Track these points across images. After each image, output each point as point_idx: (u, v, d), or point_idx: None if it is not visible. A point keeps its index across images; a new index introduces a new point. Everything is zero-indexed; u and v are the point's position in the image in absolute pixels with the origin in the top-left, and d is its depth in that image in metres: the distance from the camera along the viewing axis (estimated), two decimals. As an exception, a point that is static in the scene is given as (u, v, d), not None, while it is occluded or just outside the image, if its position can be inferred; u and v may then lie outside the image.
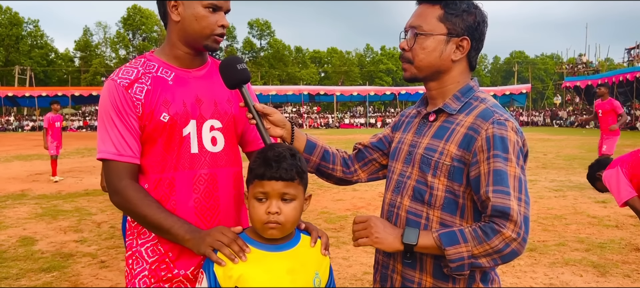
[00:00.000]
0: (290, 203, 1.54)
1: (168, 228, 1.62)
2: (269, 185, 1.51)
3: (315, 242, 1.65)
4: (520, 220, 1.44)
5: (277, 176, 1.51)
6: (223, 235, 1.56)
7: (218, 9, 1.70)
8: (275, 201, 1.52)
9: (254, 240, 1.58)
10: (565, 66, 62.61)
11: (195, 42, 1.72)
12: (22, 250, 5.86)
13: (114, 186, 1.66)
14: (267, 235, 1.54)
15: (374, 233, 1.57)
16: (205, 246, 1.55)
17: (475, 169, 1.52)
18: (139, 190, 1.67)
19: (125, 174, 1.66)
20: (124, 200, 1.65)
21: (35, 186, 10.88)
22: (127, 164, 1.67)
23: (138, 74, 1.70)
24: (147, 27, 69.64)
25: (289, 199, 1.54)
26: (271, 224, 1.51)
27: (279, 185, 1.51)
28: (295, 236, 1.65)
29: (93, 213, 7.94)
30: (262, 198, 1.53)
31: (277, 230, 1.53)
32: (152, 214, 1.63)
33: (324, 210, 8.06)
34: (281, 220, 1.51)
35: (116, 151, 1.65)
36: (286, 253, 1.58)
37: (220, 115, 1.78)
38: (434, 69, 1.64)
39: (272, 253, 1.56)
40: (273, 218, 1.51)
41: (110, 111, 1.65)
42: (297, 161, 1.56)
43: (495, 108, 1.58)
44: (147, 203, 1.64)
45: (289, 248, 1.60)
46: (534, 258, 5.35)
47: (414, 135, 1.72)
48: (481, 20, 1.63)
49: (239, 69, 1.68)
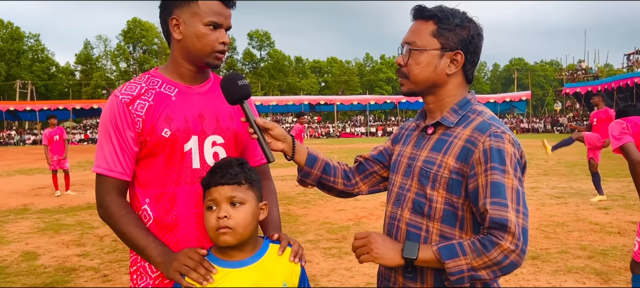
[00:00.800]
0: (239, 208, 1.55)
1: (143, 248, 1.66)
2: (216, 190, 1.55)
3: (283, 250, 1.65)
4: (518, 231, 1.46)
5: (223, 181, 1.54)
6: (189, 259, 1.58)
7: (218, 26, 1.72)
8: (224, 206, 1.53)
9: (219, 259, 1.59)
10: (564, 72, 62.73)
11: (197, 60, 1.75)
12: (25, 265, 5.87)
13: (101, 200, 1.71)
14: (221, 242, 1.54)
15: (374, 249, 1.58)
16: (172, 272, 1.58)
17: (474, 181, 1.54)
18: (122, 206, 1.70)
19: (113, 189, 1.70)
20: (107, 215, 1.70)
21: (37, 201, 10.89)
22: (116, 180, 1.71)
23: (141, 90, 1.73)
24: (148, 40, 69.93)
25: (238, 203, 1.55)
26: (222, 229, 1.52)
27: (225, 189, 1.54)
28: (263, 247, 1.65)
29: (95, 226, 7.95)
30: (212, 205, 1.55)
31: (229, 236, 1.53)
32: (130, 232, 1.66)
33: (326, 220, 8.06)
34: (231, 224, 1.52)
35: (107, 167, 1.69)
36: (251, 268, 1.59)
37: (222, 131, 1.80)
38: (430, 83, 1.67)
39: (236, 270, 1.57)
40: (223, 222, 1.52)
41: (108, 127, 1.70)
42: (245, 168, 1.60)
43: (492, 121, 1.60)
44: (127, 221, 1.67)
45: (254, 261, 1.60)
46: (537, 266, 5.34)
47: (413, 148, 1.74)
48: (475, 33, 1.65)
49: (240, 85, 1.71)
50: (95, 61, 72.01)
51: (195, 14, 1.70)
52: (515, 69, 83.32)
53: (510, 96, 60.00)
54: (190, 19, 1.71)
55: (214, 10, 1.70)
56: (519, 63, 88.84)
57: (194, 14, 1.70)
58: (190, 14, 1.70)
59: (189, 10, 1.71)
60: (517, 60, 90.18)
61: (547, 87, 79.19)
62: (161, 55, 69.08)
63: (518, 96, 59.77)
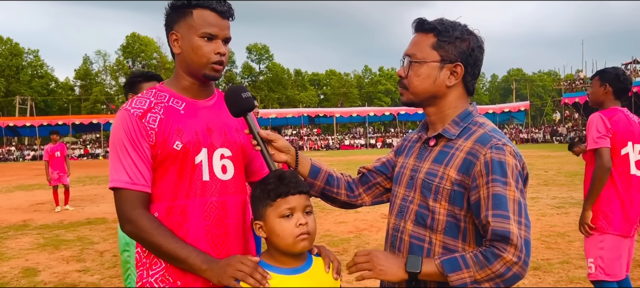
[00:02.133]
0: (311, 215, 1.65)
1: (184, 258, 1.64)
2: (294, 199, 1.62)
3: (329, 267, 1.70)
4: (520, 243, 1.46)
5: (297, 190, 1.63)
6: (243, 265, 1.59)
7: (214, 37, 1.74)
8: (300, 214, 1.61)
9: (271, 265, 1.64)
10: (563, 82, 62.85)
11: (196, 72, 1.77)
12: (25, 281, 5.85)
13: (127, 216, 1.67)
14: (299, 248, 1.61)
15: (377, 265, 1.59)
16: (227, 277, 1.59)
17: (475, 193, 1.55)
18: (152, 219, 1.68)
19: (138, 203, 1.68)
20: (138, 229, 1.66)
21: (37, 216, 10.86)
22: (140, 193, 1.69)
23: (150, 104, 1.74)
24: (147, 55, 70.12)
25: (310, 211, 1.65)
26: (303, 235, 1.60)
27: (302, 198, 1.63)
28: (308, 260, 1.69)
29: (96, 242, 7.93)
30: (289, 213, 1.61)
31: (308, 241, 1.61)
32: (168, 244, 1.65)
33: (327, 232, 8.04)
34: (310, 230, 1.61)
35: (129, 180, 1.67)
36: (302, 276, 1.63)
37: (230, 144, 1.82)
38: (429, 94, 1.69)
39: (289, 277, 1.62)
40: (304, 228, 1.60)
41: (123, 140, 1.68)
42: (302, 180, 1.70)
43: (493, 133, 1.61)
44: (161, 232, 1.66)
45: (304, 270, 1.65)
46: (539, 276, 5.33)
47: (416, 160, 1.76)
48: (476, 46, 1.67)
49: (244, 98, 1.74)
50: (94, 76, 72.12)
51: (191, 27, 1.72)
52: (514, 79, 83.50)
53: (509, 107, 60.11)
54: (187, 32, 1.73)
55: (208, 22, 1.72)
56: (518, 74, 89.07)
57: (189, 27, 1.73)
58: (186, 27, 1.73)
59: (185, 24, 1.74)
60: (515, 70, 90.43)
61: (546, 98, 79.32)
62: (160, 69, 69.15)
63: (517, 106, 59.89)
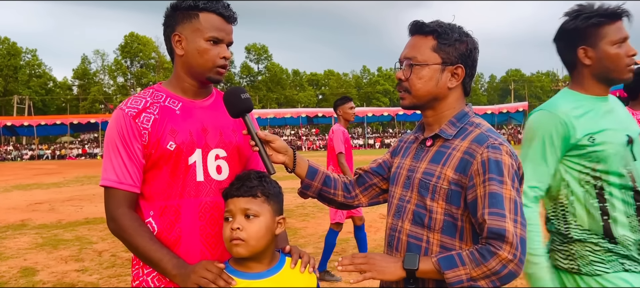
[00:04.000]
0: (253, 220, 1.59)
1: (157, 261, 1.66)
2: (232, 202, 1.60)
3: (295, 263, 1.69)
4: (516, 241, 1.48)
5: (238, 193, 1.60)
6: (207, 272, 1.59)
7: (219, 41, 1.76)
8: (238, 218, 1.58)
9: (237, 271, 1.62)
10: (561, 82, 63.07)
11: (199, 75, 1.78)
12: (23, 281, 5.85)
13: (111, 213, 1.71)
14: (233, 253, 1.59)
15: (375, 266, 1.60)
16: (191, 284, 1.59)
17: (472, 192, 1.56)
18: (134, 219, 1.71)
19: (124, 202, 1.71)
20: (119, 228, 1.70)
21: (36, 216, 10.85)
22: (126, 193, 1.71)
23: (146, 103, 1.76)
24: (145, 54, 70.10)
25: (252, 216, 1.59)
26: (235, 241, 1.56)
27: (240, 201, 1.59)
28: (280, 261, 1.68)
29: (94, 241, 7.93)
30: (228, 216, 1.61)
31: (241, 248, 1.56)
32: (144, 245, 1.67)
33: (325, 233, 8.04)
34: (243, 237, 1.56)
35: (117, 179, 1.70)
36: (269, 280, 1.62)
37: (225, 144, 1.83)
38: (431, 96, 1.70)
39: (255, 281, 1.60)
40: (235, 234, 1.56)
41: (115, 140, 1.71)
42: (263, 182, 1.64)
43: (489, 133, 1.63)
44: (140, 233, 1.68)
45: (272, 274, 1.63)
46: (536, 276, 5.33)
47: (412, 160, 1.77)
48: (473, 47, 1.69)
49: (243, 99, 1.75)
50: (92, 75, 72.11)
51: (197, 30, 1.73)
52: (512, 80, 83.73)
53: (507, 107, 60.24)
54: (192, 34, 1.74)
55: (214, 26, 1.74)
56: (516, 74, 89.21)
57: (195, 30, 1.74)
58: (191, 30, 1.74)
59: (190, 26, 1.74)
60: (513, 71, 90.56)
61: (544, 98, 79.48)
62: (158, 69, 69.21)
63: (515, 107, 60.01)
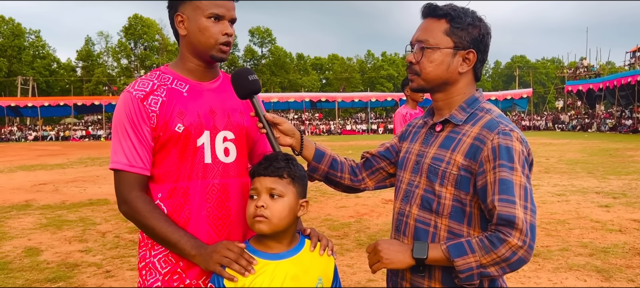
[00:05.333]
0: (277, 200, 1.60)
1: (175, 242, 1.67)
2: (258, 181, 1.62)
3: (314, 246, 1.70)
4: (526, 228, 1.46)
5: (266, 172, 1.61)
6: (229, 251, 1.61)
7: (221, 18, 1.74)
8: (263, 197, 1.60)
9: (258, 250, 1.64)
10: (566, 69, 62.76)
11: (203, 54, 1.77)
12: (28, 260, 5.89)
13: (124, 197, 1.70)
14: (255, 229, 1.61)
15: (384, 255, 1.60)
16: (213, 264, 1.61)
17: (482, 178, 1.55)
18: (148, 202, 1.70)
19: (135, 185, 1.70)
20: (133, 211, 1.69)
21: (39, 197, 10.91)
22: (138, 176, 1.71)
23: (153, 86, 1.74)
24: (149, 36, 69.91)
25: (277, 196, 1.60)
26: (258, 217, 1.58)
27: (267, 180, 1.61)
28: (300, 242, 1.70)
29: (97, 222, 7.97)
30: (253, 194, 1.62)
31: (264, 224, 1.58)
32: (160, 227, 1.67)
33: (328, 217, 8.08)
34: (267, 214, 1.58)
35: (128, 162, 1.69)
36: (289, 261, 1.63)
37: (232, 127, 1.82)
38: (441, 81, 1.68)
39: (275, 262, 1.61)
40: (259, 211, 1.58)
41: (124, 123, 1.69)
42: (290, 164, 1.65)
43: (500, 119, 1.61)
44: (155, 216, 1.68)
45: (292, 255, 1.65)
46: (538, 263, 5.36)
47: (421, 145, 1.75)
48: (485, 32, 1.67)
49: (250, 80, 1.74)
50: (96, 57, 71.95)
51: (197, 8, 1.73)
52: (517, 66, 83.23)
53: (512, 94, 59.85)
54: (193, 13, 1.73)
55: (214, 2, 1.73)
56: (521, 60, 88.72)
57: (195, 8, 1.73)
58: (192, 8, 1.73)
59: (191, 5, 1.74)
60: (518, 57, 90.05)
61: (549, 85, 79.11)
62: (162, 51, 69.02)
63: (519, 93, 59.63)
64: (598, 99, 50.14)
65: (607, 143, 26.16)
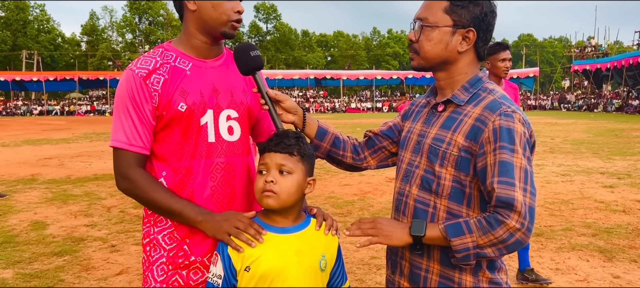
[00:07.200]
0: (286, 177, 1.62)
1: (179, 211, 1.68)
2: (269, 156, 1.64)
3: (319, 225, 1.72)
4: (524, 210, 1.46)
5: (276, 149, 1.63)
6: (239, 221, 1.63)
7: None
8: (273, 172, 1.62)
9: (265, 223, 1.66)
10: (573, 49, 62.15)
11: (213, 30, 1.74)
12: (34, 234, 5.96)
13: (124, 173, 1.70)
14: (263, 204, 1.63)
15: (382, 231, 1.61)
16: (222, 233, 1.63)
17: (482, 160, 1.54)
18: (147, 176, 1.71)
19: (134, 163, 1.70)
20: (134, 186, 1.69)
21: (45, 171, 10.99)
22: (137, 154, 1.71)
23: (156, 64, 1.73)
24: (154, 11, 69.56)
25: (286, 172, 1.62)
26: (267, 192, 1.60)
27: (277, 156, 1.63)
28: (306, 220, 1.72)
29: (103, 197, 8.04)
30: (263, 169, 1.64)
31: (272, 199, 1.60)
32: (162, 198, 1.68)
33: (331, 194, 8.11)
34: (276, 190, 1.60)
35: (127, 141, 1.69)
36: (295, 235, 1.65)
37: (236, 105, 1.81)
38: (440, 60, 1.66)
39: (281, 235, 1.64)
40: (268, 186, 1.60)
41: (125, 101, 1.69)
42: (300, 141, 1.67)
43: (502, 100, 1.59)
44: (156, 188, 1.69)
45: (298, 230, 1.67)
46: (541, 243, 5.37)
47: (423, 125, 1.74)
48: (489, 11, 1.63)
49: (253, 56, 1.73)
50: (101, 32, 71.75)
51: None
52: (524, 45, 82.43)
53: (518, 73, 59.28)
54: None
55: None
56: (528, 39, 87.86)
57: None
58: None
59: None
60: (526, 36, 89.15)
61: (556, 64, 78.48)
62: (167, 27, 68.69)
63: (526, 72, 59.08)
64: (605, 79, 49.76)
65: (613, 124, 26.03)
